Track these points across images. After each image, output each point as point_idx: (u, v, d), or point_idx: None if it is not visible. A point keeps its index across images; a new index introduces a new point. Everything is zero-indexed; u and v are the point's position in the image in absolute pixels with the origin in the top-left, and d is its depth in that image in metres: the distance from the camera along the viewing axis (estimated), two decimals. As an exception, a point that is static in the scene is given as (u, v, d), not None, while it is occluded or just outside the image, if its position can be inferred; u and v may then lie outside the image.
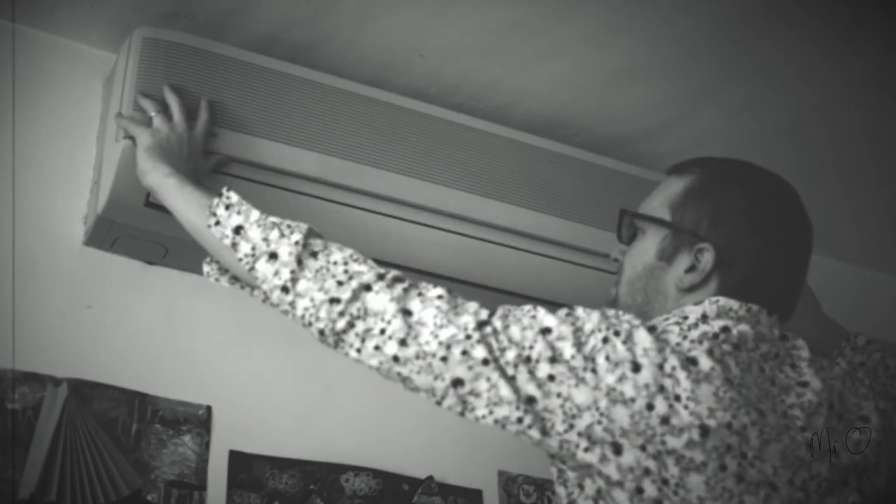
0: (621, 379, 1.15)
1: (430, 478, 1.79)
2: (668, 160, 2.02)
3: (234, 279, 1.37)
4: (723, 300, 1.26)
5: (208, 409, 1.67)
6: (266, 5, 1.66)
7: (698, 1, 1.66)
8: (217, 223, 1.31)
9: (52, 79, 1.72)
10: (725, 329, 1.22)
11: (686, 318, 1.24)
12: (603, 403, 1.14)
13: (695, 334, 1.20)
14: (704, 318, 1.24)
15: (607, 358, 1.16)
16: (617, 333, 1.17)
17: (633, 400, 1.14)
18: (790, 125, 1.98)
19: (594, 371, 1.15)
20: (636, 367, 1.15)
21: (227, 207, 1.31)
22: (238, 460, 1.66)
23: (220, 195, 1.33)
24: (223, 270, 1.37)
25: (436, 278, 1.68)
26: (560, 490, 1.23)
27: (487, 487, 1.84)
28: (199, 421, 1.65)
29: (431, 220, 1.69)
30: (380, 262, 1.60)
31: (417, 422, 1.82)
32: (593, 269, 1.79)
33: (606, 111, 1.92)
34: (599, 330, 1.18)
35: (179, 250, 1.63)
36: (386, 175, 1.66)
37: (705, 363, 1.16)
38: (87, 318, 1.64)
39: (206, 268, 1.39)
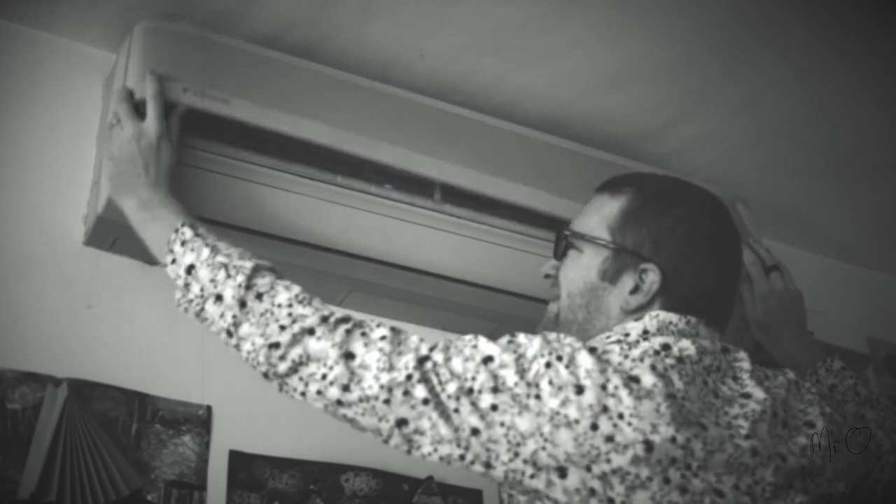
0: (565, 402, 1.15)
1: (430, 478, 1.79)
2: (668, 160, 2.04)
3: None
4: (662, 314, 1.29)
5: (208, 409, 1.67)
6: (266, 5, 1.66)
7: (699, 1, 1.66)
8: (173, 261, 1.31)
9: (52, 79, 1.72)
10: (666, 346, 1.23)
11: (627, 335, 1.26)
12: (546, 429, 1.15)
13: (636, 353, 1.21)
14: (645, 333, 1.27)
15: (550, 382, 1.16)
16: (559, 358, 1.18)
17: (577, 421, 1.15)
18: (790, 125, 1.98)
19: (538, 397, 1.16)
20: (579, 390, 1.16)
21: (183, 244, 1.31)
22: (238, 460, 1.66)
23: (175, 231, 1.33)
24: None
25: (435, 278, 1.67)
26: None
27: (487, 487, 1.84)
28: (199, 421, 1.65)
29: (432, 218, 1.69)
30: (379, 262, 1.59)
31: (417, 422, 1.81)
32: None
33: (607, 111, 1.93)
34: (542, 355, 1.19)
35: (179, 250, 1.62)
36: (397, 150, 1.65)
37: (648, 380, 1.17)
38: (87, 318, 1.64)
39: (177, 294, 1.35)
